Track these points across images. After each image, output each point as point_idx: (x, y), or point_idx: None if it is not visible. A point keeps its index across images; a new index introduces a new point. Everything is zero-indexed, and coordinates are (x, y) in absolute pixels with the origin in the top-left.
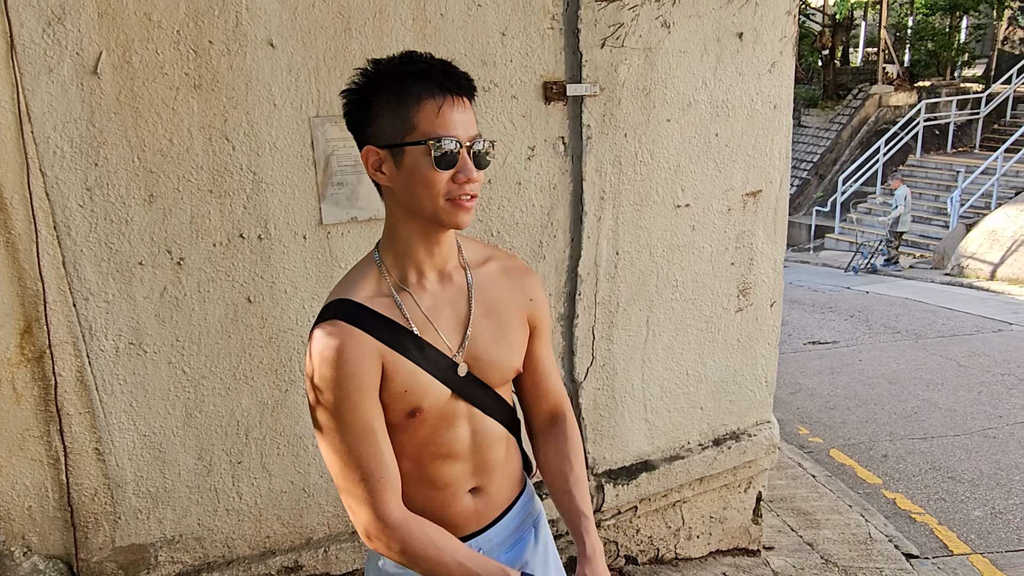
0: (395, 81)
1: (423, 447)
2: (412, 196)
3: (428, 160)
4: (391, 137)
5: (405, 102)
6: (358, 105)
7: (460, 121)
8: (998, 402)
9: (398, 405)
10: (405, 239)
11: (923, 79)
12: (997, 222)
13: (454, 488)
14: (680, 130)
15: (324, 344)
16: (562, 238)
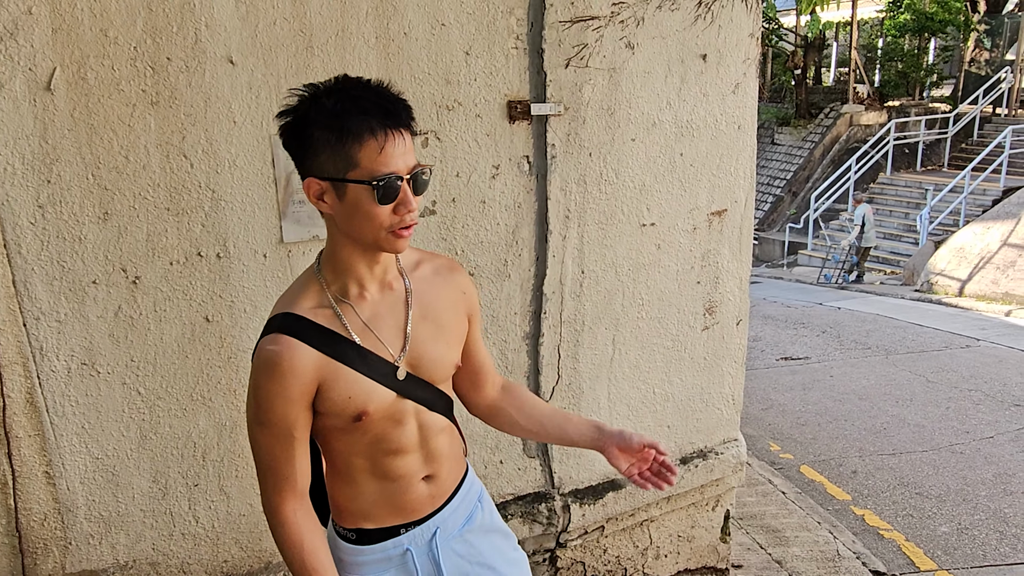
0: (334, 117)
1: (375, 445)
2: (353, 227)
3: (371, 196)
4: (332, 172)
5: (345, 140)
6: (295, 134)
7: (400, 154)
8: (965, 418)
9: (343, 411)
10: (345, 259)
11: (893, 99)
12: (965, 239)
13: (408, 478)
14: (645, 150)
15: (265, 356)
16: (527, 257)
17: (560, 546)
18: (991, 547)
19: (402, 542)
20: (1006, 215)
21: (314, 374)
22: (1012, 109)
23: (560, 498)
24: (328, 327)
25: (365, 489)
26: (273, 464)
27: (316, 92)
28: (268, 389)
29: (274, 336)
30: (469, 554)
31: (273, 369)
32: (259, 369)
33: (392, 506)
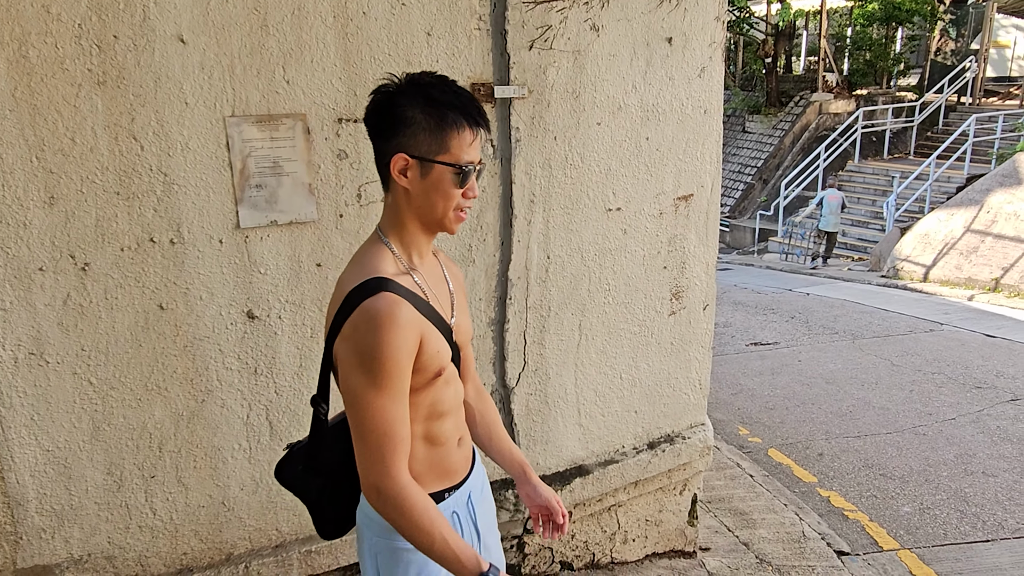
0: (439, 106)
1: (433, 407)
2: (428, 203)
3: (451, 179)
4: (424, 152)
5: (444, 127)
6: (390, 112)
7: (478, 149)
8: (928, 400)
9: (431, 366)
10: (412, 231)
11: (861, 87)
12: (929, 226)
13: (451, 442)
14: (611, 134)
15: (382, 312)
16: (492, 242)
17: (527, 532)
18: (952, 526)
19: (449, 505)
20: (969, 202)
21: (418, 329)
22: (976, 98)
23: None
24: (412, 289)
25: (418, 455)
26: (391, 428)
27: (420, 80)
28: (389, 343)
29: (383, 295)
30: (487, 519)
31: (392, 323)
32: (375, 327)
33: (439, 470)
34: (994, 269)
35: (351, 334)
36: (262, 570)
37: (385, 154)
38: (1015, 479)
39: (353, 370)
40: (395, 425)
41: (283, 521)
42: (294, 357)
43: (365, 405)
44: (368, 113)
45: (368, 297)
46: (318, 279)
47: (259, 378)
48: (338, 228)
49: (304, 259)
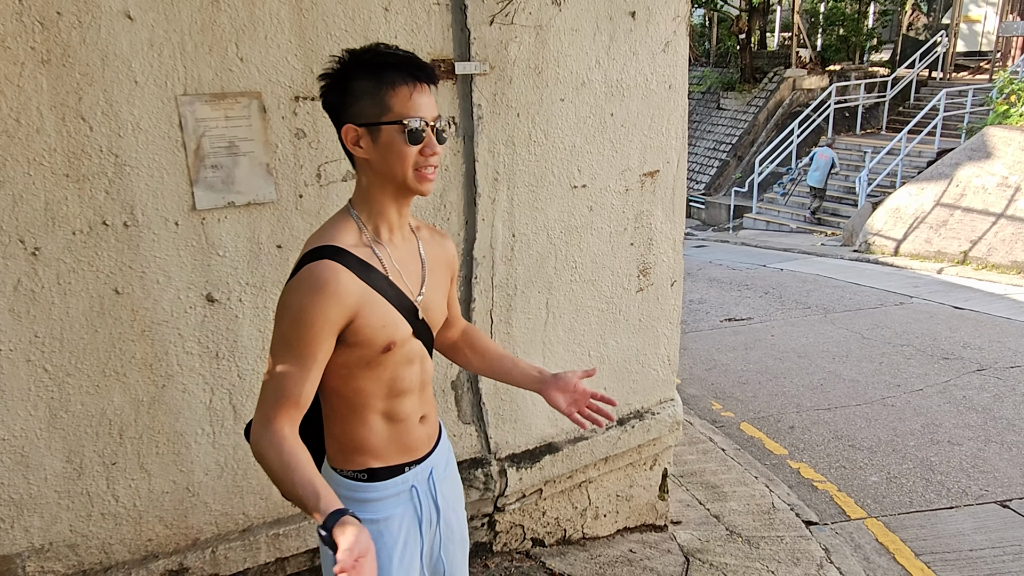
0: (373, 69)
1: (390, 384)
2: (387, 167)
3: (401, 137)
4: (369, 117)
5: (381, 87)
6: (336, 88)
7: (426, 104)
8: (897, 372)
9: (377, 338)
10: (379, 201)
11: (834, 63)
12: (901, 200)
13: (412, 418)
14: (575, 110)
15: (314, 277)
16: (456, 220)
17: (498, 510)
18: (918, 494)
19: (408, 479)
20: (939, 176)
21: (355, 300)
22: (947, 73)
23: (496, 463)
24: (368, 261)
25: (376, 429)
26: (283, 382)
27: (355, 52)
28: (310, 309)
29: (322, 262)
30: (450, 496)
31: (321, 289)
32: (304, 289)
33: (398, 445)
34: (963, 242)
35: (285, 291)
36: (229, 554)
37: (338, 130)
38: (979, 447)
39: (276, 322)
40: (288, 381)
41: (250, 505)
42: (256, 340)
43: (273, 356)
44: (321, 95)
45: (307, 263)
46: (279, 261)
47: (221, 362)
48: (298, 209)
49: (264, 241)
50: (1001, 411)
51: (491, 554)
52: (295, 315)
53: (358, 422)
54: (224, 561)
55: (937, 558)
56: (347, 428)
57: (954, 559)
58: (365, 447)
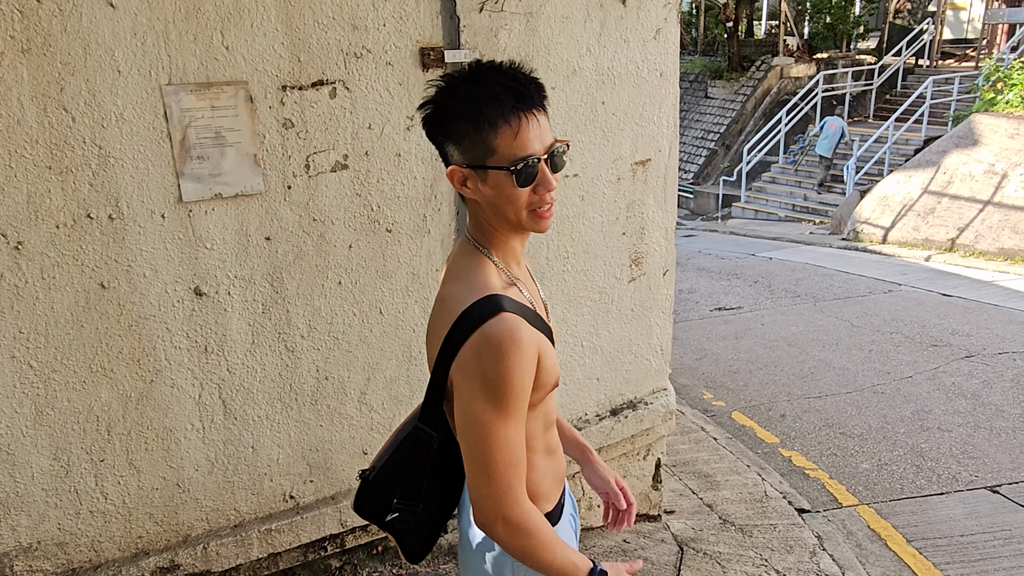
0: (468, 106)
1: (547, 417)
2: (498, 209)
3: (510, 179)
4: (473, 159)
5: (481, 128)
6: (437, 125)
7: (536, 136)
8: (887, 359)
9: (549, 380)
10: (504, 237)
11: (821, 51)
12: (888, 188)
13: (559, 450)
14: (566, 98)
15: (505, 336)
16: (447, 211)
17: None
18: (908, 480)
19: (567, 509)
20: (927, 163)
21: (536, 346)
22: (933, 60)
23: None
24: (521, 302)
25: (541, 468)
26: (516, 457)
27: (451, 81)
28: (515, 369)
29: (501, 316)
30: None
31: (515, 347)
32: (501, 353)
33: (557, 479)
34: (950, 230)
35: (473, 360)
36: (221, 550)
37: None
38: (968, 433)
39: (476, 399)
40: (519, 452)
41: (241, 500)
42: (246, 334)
43: (491, 434)
44: (425, 131)
45: (487, 319)
46: (268, 253)
47: (210, 356)
48: (287, 200)
49: (252, 233)
50: (990, 397)
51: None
52: (505, 382)
53: (529, 468)
54: (216, 557)
55: (929, 544)
56: None
57: (945, 544)
58: (536, 493)
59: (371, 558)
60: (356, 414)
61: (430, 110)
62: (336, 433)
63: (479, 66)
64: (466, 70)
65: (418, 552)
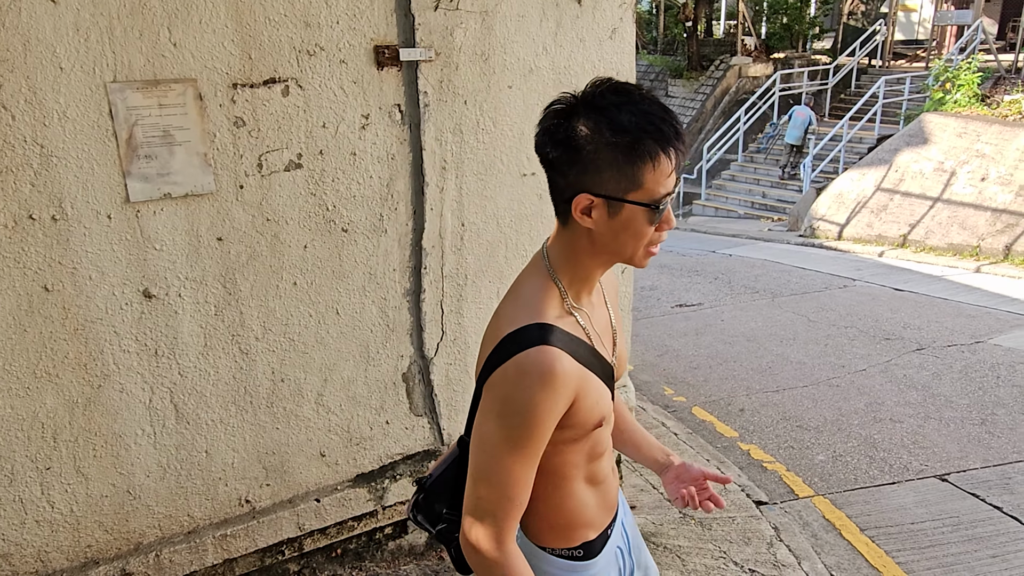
0: (624, 134)
1: (593, 449)
2: (616, 244)
3: (646, 217)
4: (612, 190)
5: (635, 161)
6: (568, 143)
7: (675, 176)
8: (842, 353)
9: (591, 418)
10: (588, 268)
11: (778, 51)
12: (843, 186)
13: (608, 479)
14: (523, 97)
15: (536, 370)
16: (404, 210)
17: None
18: (862, 471)
19: (614, 541)
20: (879, 161)
21: (575, 384)
22: (886, 61)
23: None
24: (575, 335)
25: (583, 498)
26: (513, 491)
27: (599, 100)
28: (541, 405)
29: (542, 348)
30: (634, 534)
31: (549, 383)
32: (527, 385)
33: (603, 508)
34: (902, 226)
35: (499, 383)
36: (175, 557)
37: (563, 190)
38: (919, 424)
39: (490, 420)
40: (517, 489)
41: (195, 506)
42: (198, 336)
43: (493, 460)
44: (540, 141)
45: (525, 348)
46: (219, 254)
47: (160, 360)
48: (239, 200)
49: (203, 233)
50: (939, 388)
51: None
52: (523, 413)
53: (567, 495)
54: (169, 565)
55: (881, 532)
56: (554, 504)
57: (897, 532)
58: (578, 521)
59: (330, 561)
60: (313, 416)
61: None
62: (293, 436)
63: (623, 87)
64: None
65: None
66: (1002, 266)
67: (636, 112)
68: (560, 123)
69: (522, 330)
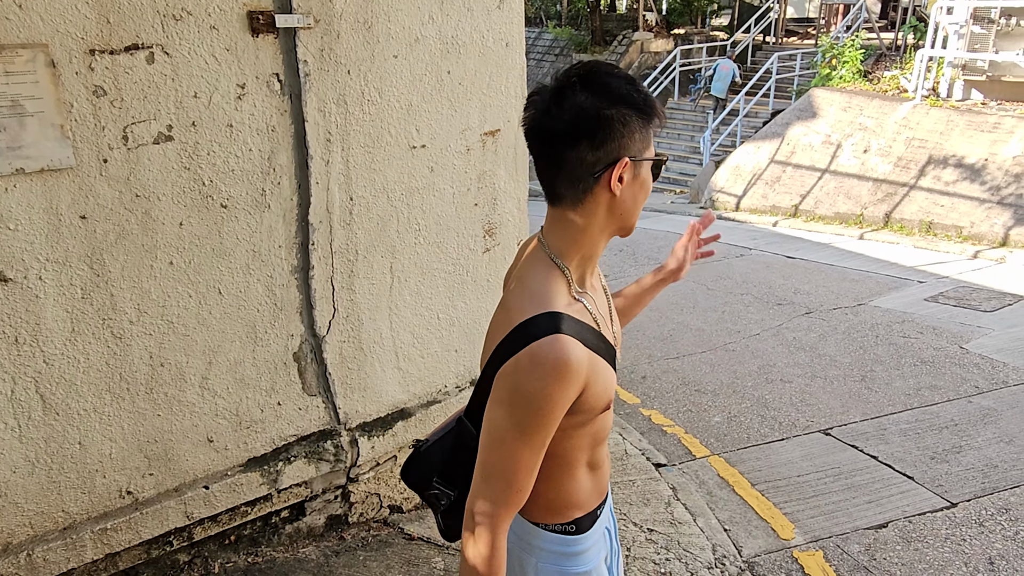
0: (646, 104)
1: (596, 435)
2: (634, 205)
3: (649, 171)
4: (637, 152)
5: (649, 124)
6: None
7: None
8: (738, 319)
9: (600, 403)
10: (594, 246)
11: (678, 27)
12: (740, 159)
13: (604, 465)
14: (409, 67)
15: (550, 360)
16: (288, 184)
17: (352, 481)
18: (754, 430)
19: (603, 520)
20: (773, 135)
21: (586, 372)
22: (779, 38)
23: (347, 433)
24: (583, 321)
25: (582, 481)
26: (516, 476)
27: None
28: (553, 394)
29: (556, 338)
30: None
31: (558, 374)
32: (540, 375)
33: (597, 490)
34: (794, 196)
35: (512, 372)
36: (49, 556)
37: (593, 164)
38: (806, 383)
39: (501, 407)
40: (523, 475)
41: (70, 501)
42: (63, 321)
43: (502, 446)
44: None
45: (538, 337)
46: (84, 233)
47: (21, 348)
48: (103, 175)
49: (64, 211)
50: (825, 349)
51: (347, 526)
52: (536, 402)
53: (567, 478)
54: (43, 564)
55: (770, 486)
56: (555, 485)
57: (784, 485)
58: (573, 501)
59: (223, 548)
60: (198, 400)
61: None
62: (176, 422)
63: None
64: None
65: (455, 532)
66: (882, 233)
67: (626, 80)
68: (572, 101)
69: (533, 319)
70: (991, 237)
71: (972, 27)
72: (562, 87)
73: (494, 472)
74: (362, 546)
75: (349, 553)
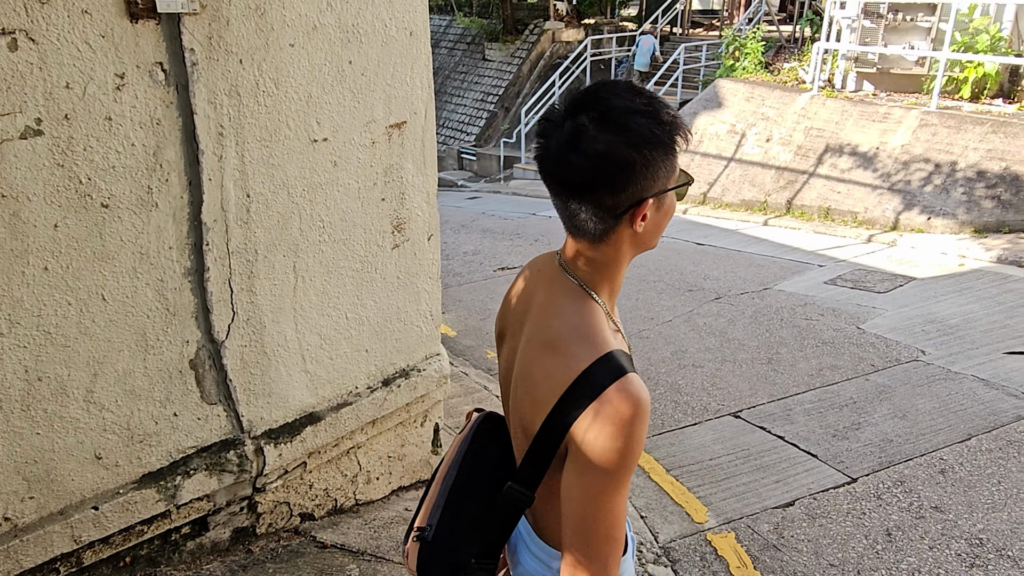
0: (670, 136)
1: None
2: (657, 232)
3: (674, 196)
4: (661, 185)
5: (672, 150)
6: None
7: None
8: (651, 306)
9: None
10: (620, 273)
11: (589, 17)
12: None
13: None
14: (308, 56)
15: (634, 405)
16: (177, 182)
17: (258, 491)
18: (668, 415)
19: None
20: None
21: None
22: (685, 29)
23: (252, 442)
24: (625, 351)
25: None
26: (616, 528)
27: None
28: (639, 438)
29: (627, 379)
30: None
31: (642, 415)
32: (629, 422)
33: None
34: (702, 184)
35: (597, 429)
36: None
37: (614, 207)
38: (717, 367)
39: (595, 469)
40: (620, 525)
41: None
42: None
43: (603, 506)
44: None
45: (608, 383)
46: None
47: None
48: None
49: None
50: (734, 333)
51: (255, 538)
52: (627, 450)
53: None
54: None
55: (684, 471)
56: None
57: (697, 469)
58: None
59: (117, 571)
60: (84, 415)
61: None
62: (59, 440)
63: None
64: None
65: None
66: (785, 219)
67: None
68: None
69: (596, 366)
70: (883, 222)
71: (863, 21)
72: (578, 131)
73: (596, 532)
74: (271, 558)
75: (257, 566)
